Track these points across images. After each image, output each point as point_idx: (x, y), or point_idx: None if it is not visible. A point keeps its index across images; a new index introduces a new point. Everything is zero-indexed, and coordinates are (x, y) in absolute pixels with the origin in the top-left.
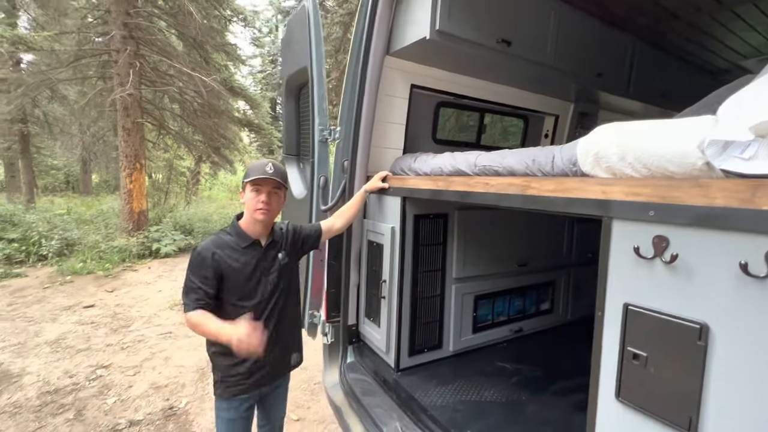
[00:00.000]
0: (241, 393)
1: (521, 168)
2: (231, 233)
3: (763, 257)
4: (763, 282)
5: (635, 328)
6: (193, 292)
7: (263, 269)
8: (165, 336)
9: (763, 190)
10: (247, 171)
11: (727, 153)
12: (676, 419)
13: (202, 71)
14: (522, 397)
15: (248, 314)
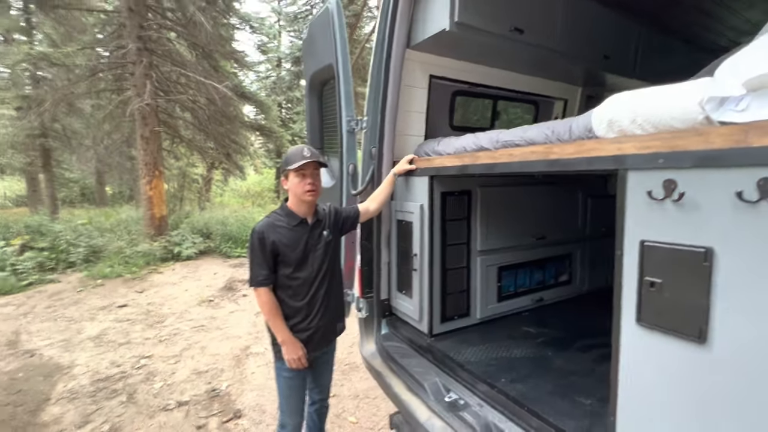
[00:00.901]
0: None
1: (541, 139)
2: (281, 214)
3: (755, 185)
4: (755, 206)
5: (651, 260)
6: (258, 268)
7: (311, 245)
8: (198, 329)
9: (754, 131)
10: (287, 159)
11: (723, 107)
12: (689, 331)
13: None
14: (548, 353)
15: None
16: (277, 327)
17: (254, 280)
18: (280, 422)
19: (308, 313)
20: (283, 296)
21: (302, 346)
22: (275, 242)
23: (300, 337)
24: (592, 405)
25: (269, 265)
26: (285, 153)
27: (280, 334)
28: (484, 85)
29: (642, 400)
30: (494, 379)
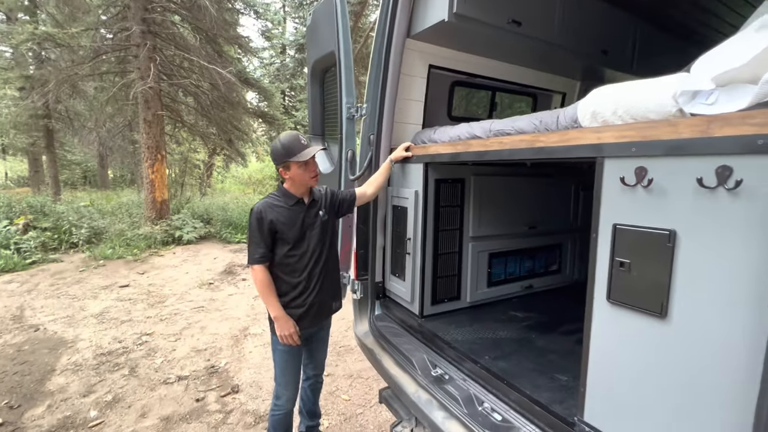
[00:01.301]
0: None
1: (530, 128)
2: (278, 195)
3: (714, 172)
4: (713, 191)
5: (622, 242)
6: (256, 246)
7: (308, 223)
8: (198, 310)
9: (716, 122)
10: (285, 150)
11: (695, 100)
12: (652, 307)
13: (217, 64)
14: (532, 335)
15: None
16: (270, 303)
17: (251, 257)
18: (276, 393)
19: (305, 289)
20: (281, 273)
21: (294, 323)
22: (273, 221)
23: (297, 312)
24: (568, 381)
25: (266, 244)
26: (276, 143)
27: (273, 310)
28: (482, 76)
29: (609, 373)
30: (479, 357)
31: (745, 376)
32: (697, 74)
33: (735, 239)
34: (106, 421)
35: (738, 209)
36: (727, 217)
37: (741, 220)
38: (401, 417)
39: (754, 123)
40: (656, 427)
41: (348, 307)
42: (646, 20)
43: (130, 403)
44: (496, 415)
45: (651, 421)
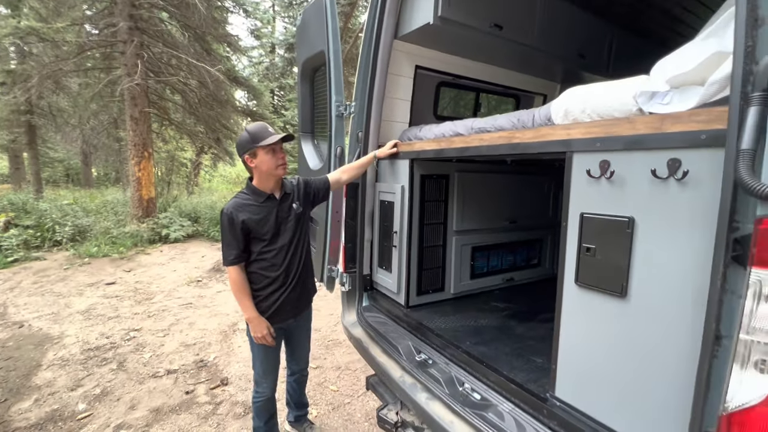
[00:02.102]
0: (270, 323)
1: (509, 126)
2: (248, 193)
3: (665, 164)
4: (665, 182)
5: (588, 230)
6: (229, 247)
7: (282, 218)
8: (186, 306)
9: (669, 119)
10: (252, 137)
11: (653, 101)
12: (614, 288)
13: (205, 62)
14: (512, 323)
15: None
16: (243, 304)
17: (226, 259)
18: (255, 381)
19: (283, 282)
20: (259, 269)
21: (268, 324)
22: (245, 221)
23: (276, 304)
24: (542, 362)
25: (239, 244)
26: (243, 132)
27: (246, 311)
28: (467, 78)
29: (577, 350)
30: (460, 342)
31: (691, 345)
32: (655, 77)
33: (683, 224)
34: (95, 414)
35: (686, 197)
36: (676, 204)
37: (688, 206)
38: (387, 401)
39: (699, 120)
40: (616, 395)
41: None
42: (621, 26)
43: (119, 396)
44: (475, 394)
45: (612, 390)
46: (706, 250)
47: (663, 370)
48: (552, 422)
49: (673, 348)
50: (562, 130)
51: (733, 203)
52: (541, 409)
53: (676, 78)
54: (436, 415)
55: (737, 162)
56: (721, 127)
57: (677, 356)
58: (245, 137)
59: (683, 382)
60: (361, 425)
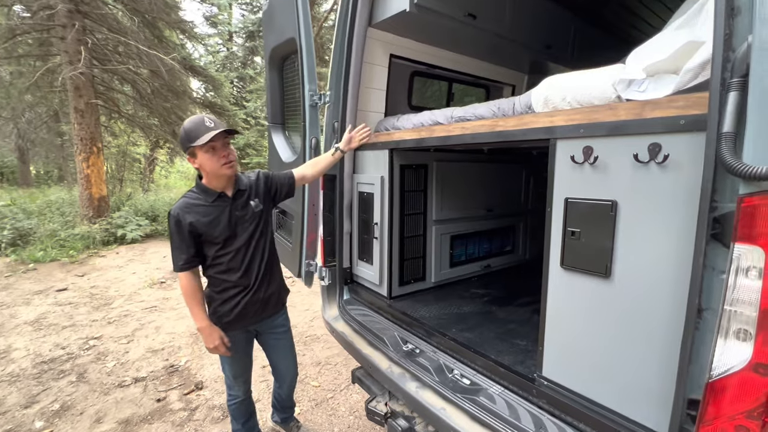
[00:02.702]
0: (231, 328)
1: (489, 114)
2: (197, 191)
3: (647, 148)
4: (646, 165)
5: (572, 214)
6: (178, 252)
7: (237, 218)
8: (150, 310)
9: (647, 106)
10: (187, 135)
11: (630, 88)
12: (598, 269)
13: (158, 50)
14: (493, 308)
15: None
16: (193, 313)
17: (175, 264)
18: (227, 384)
19: (245, 285)
20: (217, 274)
21: (221, 335)
22: (193, 223)
23: (239, 308)
24: (526, 345)
25: (189, 249)
26: (181, 129)
27: (196, 320)
28: (440, 68)
29: (563, 331)
30: (446, 330)
31: (672, 322)
32: (631, 65)
33: (664, 206)
34: (56, 430)
35: (666, 180)
36: (657, 187)
37: (669, 188)
38: (375, 393)
39: (677, 106)
40: (603, 372)
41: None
42: (583, 19)
43: (81, 409)
44: (465, 380)
45: (598, 367)
46: (686, 229)
47: (647, 345)
48: (541, 401)
49: (656, 323)
50: (545, 117)
51: (714, 184)
52: (530, 389)
53: (652, 66)
54: (427, 402)
55: (720, 144)
56: (699, 113)
57: (660, 331)
58: (182, 136)
59: (667, 355)
60: (346, 419)
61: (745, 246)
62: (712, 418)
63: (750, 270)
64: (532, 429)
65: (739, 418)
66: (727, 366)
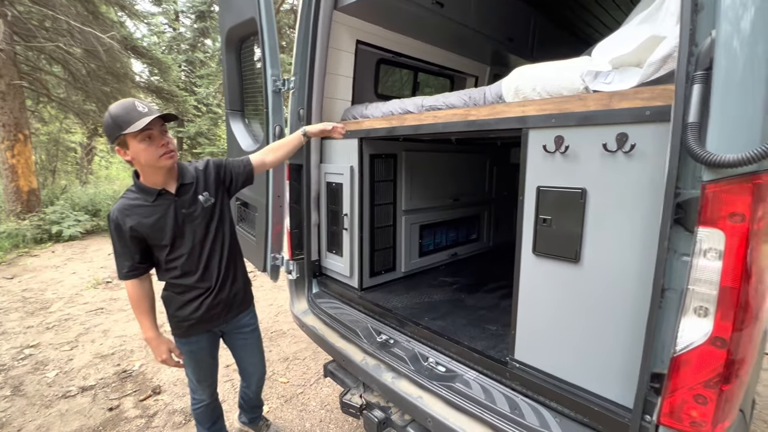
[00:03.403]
0: (194, 332)
1: (461, 104)
2: (135, 191)
3: (614, 138)
4: (614, 154)
5: (544, 202)
6: (121, 259)
7: (185, 215)
8: (96, 312)
9: (615, 97)
10: (116, 121)
11: (597, 80)
12: (569, 254)
13: (94, 27)
14: (462, 296)
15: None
16: (140, 323)
17: (119, 272)
18: (191, 388)
19: (206, 288)
20: (171, 278)
21: (171, 346)
22: (135, 227)
23: (201, 311)
24: (497, 329)
25: (134, 255)
26: (106, 115)
27: (144, 330)
28: (407, 56)
29: (534, 315)
30: (418, 319)
31: (638, 303)
32: (597, 58)
33: (630, 193)
34: None
35: (633, 168)
36: (624, 175)
37: (635, 177)
38: (349, 386)
39: (642, 97)
40: (572, 352)
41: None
42: (542, 13)
43: (19, 426)
44: (440, 367)
45: (568, 348)
46: (651, 215)
47: (615, 325)
48: (514, 383)
49: (623, 304)
50: (518, 107)
51: (678, 172)
52: (504, 373)
53: (617, 59)
54: (403, 392)
55: (685, 134)
56: (663, 104)
57: (627, 311)
58: (108, 122)
59: (633, 334)
60: (318, 413)
61: (707, 229)
62: (674, 390)
63: (711, 251)
64: (507, 411)
65: (697, 387)
66: (689, 341)
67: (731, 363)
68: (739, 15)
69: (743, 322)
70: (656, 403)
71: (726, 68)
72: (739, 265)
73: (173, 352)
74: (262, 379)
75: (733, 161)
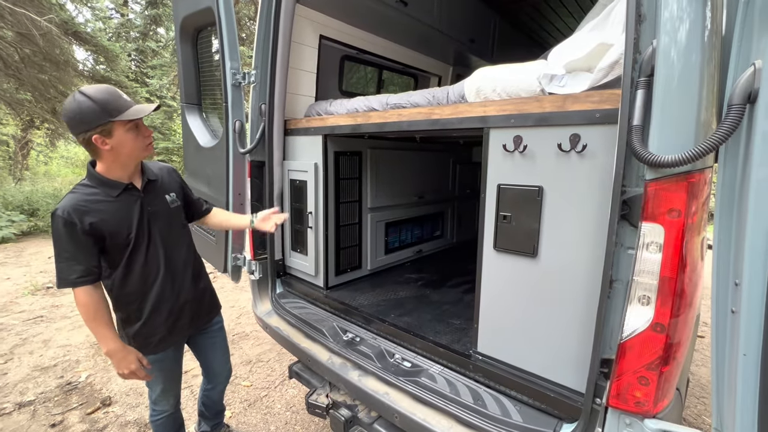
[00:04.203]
0: (165, 346)
1: (424, 102)
2: (93, 185)
3: (568, 138)
4: (568, 154)
5: (504, 199)
6: (70, 263)
7: (150, 213)
8: (35, 321)
9: (569, 100)
10: (103, 108)
11: (552, 83)
12: (527, 249)
13: (28, 8)
14: (427, 292)
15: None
16: (99, 335)
17: (66, 279)
18: (152, 399)
19: (168, 296)
20: (129, 285)
21: (139, 356)
22: (95, 224)
23: (169, 323)
24: (461, 323)
25: (88, 258)
26: (82, 99)
27: (105, 343)
28: (371, 53)
29: (496, 309)
30: (384, 316)
31: (589, 294)
32: (552, 62)
33: (582, 191)
34: None
35: (584, 167)
36: (577, 173)
37: (586, 175)
38: (315, 386)
39: (593, 101)
40: (530, 342)
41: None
42: (502, 16)
43: None
44: (406, 363)
45: (526, 338)
46: (601, 211)
47: (567, 315)
48: (477, 374)
49: (575, 296)
50: (479, 107)
51: (623, 171)
52: (467, 365)
53: (570, 64)
54: (370, 389)
55: (630, 135)
56: (611, 107)
57: (579, 302)
58: (90, 107)
59: (584, 323)
60: (283, 416)
61: (649, 224)
62: (620, 373)
63: (652, 245)
64: (471, 402)
65: (641, 370)
66: (634, 328)
67: (669, 346)
68: (676, 27)
69: (680, 309)
70: (605, 386)
71: (665, 75)
72: (676, 257)
73: (142, 361)
74: (228, 378)
75: (671, 161)
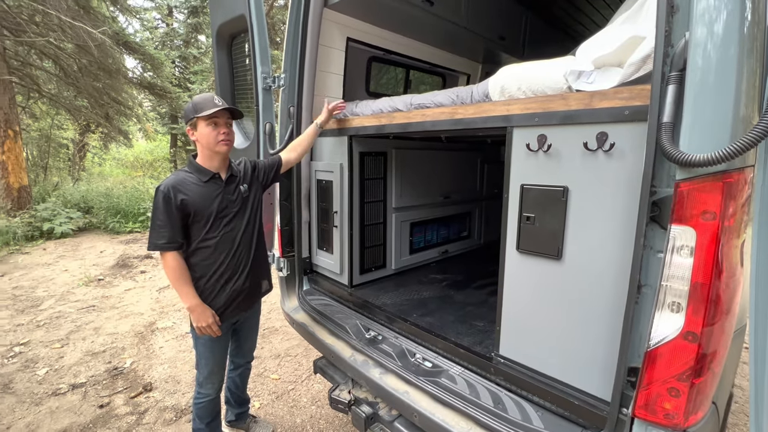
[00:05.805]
0: (222, 320)
1: (448, 102)
2: (190, 170)
3: (595, 137)
4: (594, 153)
5: (528, 200)
6: (161, 229)
7: (228, 201)
8: (88, 310)
9: (595, 97)
10: (193, 106)
11: (580, 79)
12: (551, 251)
13: (84, 22)
14: (451, 293)
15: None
16: (182, 292)
17: (156, 243)
18: (199, 382)
19: (232, 274)
20: (201, 259)
21: (213, 313)
22: (184, 201)
23: (223, 298)
24: (484, 326)
25: (175, 227)
26: (189, 101)
27: (186, 299)
28: (398, 54)
29: (518, 311)
30: (407, 316)
31: (616, 298)
32: (580, 57)
33: (609, 191)
34: None
35: (612, 167)
36: (604, 173)
37: (614, 175)
38: (338, 382)
39: (622, 97)
40: (553, 347)
41: None
42: (534, 12)
43: (8, 424)
44: (427, 363)
45: (549, 343)
46: (629, 212)
47: (593, 321)
48: (498, 378)
49: (601, 300)
50: (503, 105)
51: (653, 170)
52: (488, 368)
53: (599, 59)
54: (390, 387)
55: (659, 133)
56: (641, 104)
57: (605, 307)
58: (188, 106)
59: (611, 329)
60: (308, 409)
61: (680, 227)
62: (648, 383)
63: (683, 248)
64: (491, 405)
65: (671, 381)
66: (663, 335)
67: (703, 357)
68: (713, 18)
69: (714, 317)
70: (632, 396)
71: (699, 69)
72: (710, 262)
73: (215, 318)
74: (251, 359)
75: (703, 161)
